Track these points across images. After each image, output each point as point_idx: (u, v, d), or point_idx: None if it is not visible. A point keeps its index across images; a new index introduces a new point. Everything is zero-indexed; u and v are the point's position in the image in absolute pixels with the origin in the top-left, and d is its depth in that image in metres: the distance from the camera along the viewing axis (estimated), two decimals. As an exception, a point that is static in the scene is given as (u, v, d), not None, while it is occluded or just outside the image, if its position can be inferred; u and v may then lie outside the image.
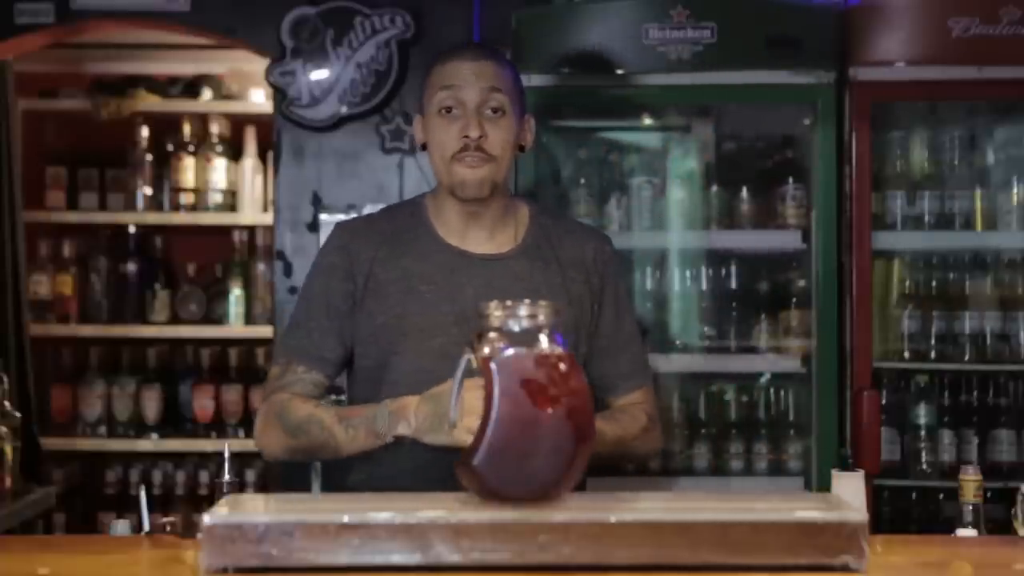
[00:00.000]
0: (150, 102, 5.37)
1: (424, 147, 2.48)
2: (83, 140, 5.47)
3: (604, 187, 4.20)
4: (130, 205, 5.34)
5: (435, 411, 2.21)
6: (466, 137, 2.37)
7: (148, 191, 5.32)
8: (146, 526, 2.27)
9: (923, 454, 4.05)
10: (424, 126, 2.47)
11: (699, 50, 3.88)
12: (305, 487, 4.29)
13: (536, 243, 2.50)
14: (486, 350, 1.96)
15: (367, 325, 2.43)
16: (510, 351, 1.94)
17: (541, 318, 1.97)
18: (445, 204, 2.47)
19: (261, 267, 5.27)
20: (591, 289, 2.50)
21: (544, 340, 1.95)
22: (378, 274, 2.43)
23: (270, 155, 4.97)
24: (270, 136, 4.85)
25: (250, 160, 5.35)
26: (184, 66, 5.44)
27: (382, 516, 1.83)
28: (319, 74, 4.60)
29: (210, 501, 2.52)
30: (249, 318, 5.28)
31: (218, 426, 5.18)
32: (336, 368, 2.48)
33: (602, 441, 2.32)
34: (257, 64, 4.80)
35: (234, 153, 5.37)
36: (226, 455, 2.31)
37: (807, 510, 1.93)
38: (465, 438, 2.07)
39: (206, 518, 1.84)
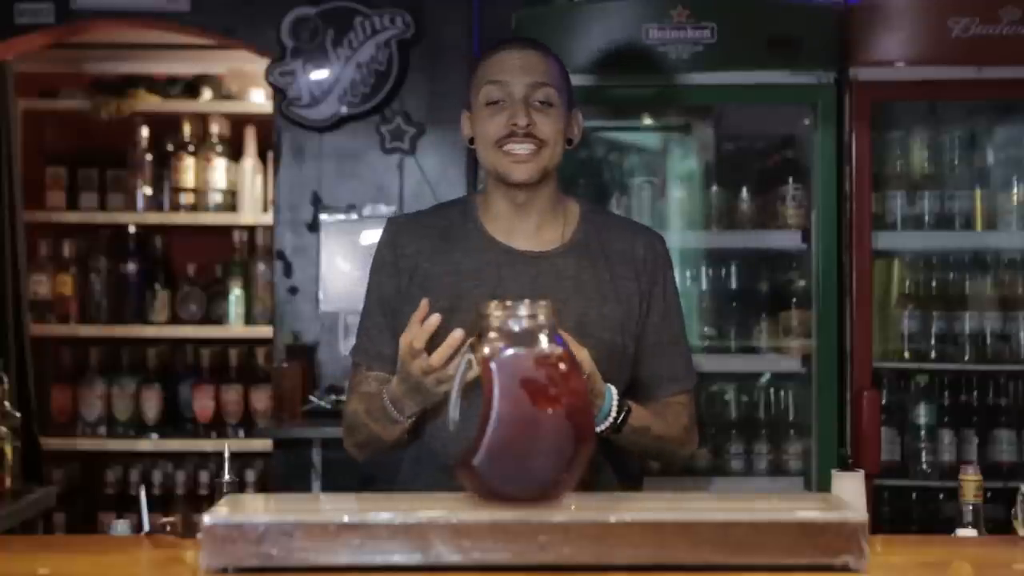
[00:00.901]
0: (150, 102, 5.37)
1: (471, 142, 2.46)
2: (83, 140, 5.48)
3: (604, 187, 4.20)
4: (130, 205, 5.34)
5: (413, 390, 2.21)
6: (514, 125, 2.34)
7: (148, 191, 5.33)
8: (146, 526, 2.26)
9: (923, 454, 4.05)
10: (471, 121, 2.44)
11: (699, 50, 3.89)
12: (305, 487, 4.29)
13: (584, 240, 2.45)
14: (486, 350, 1.96)
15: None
16: (510, 351, 1.94)
17: (541, 318, 1.97)
18: (494, 198, 2.44)
19: (261, 267, 5.27)
20: (640, 287, 2.44)
21: (544, 340, 1.95)
22: (425, 268, 2.41)
23: (270, 155, 4.98)
24: (270, 136, 4.86)
25: (250, 160, 5.34)
26: (184, 66, 5.44)
27: (382, 516, 1.83)
28: (319, 74, 4.60)
29: (210, 501, 2.52)
30: (249, 318, 5.28)
31: (218, 426, 5.18)
32: (396, 363, 2.44)
33: (646, 434, 2.33)
34: (257, 64, 4.80)
35: (234, 153, 5.37)
36: (226, 455, 2.31)
37: (807, 510, 1.93)
38: (432, 384, 2.16)
39: (206, 518, 1.83)
